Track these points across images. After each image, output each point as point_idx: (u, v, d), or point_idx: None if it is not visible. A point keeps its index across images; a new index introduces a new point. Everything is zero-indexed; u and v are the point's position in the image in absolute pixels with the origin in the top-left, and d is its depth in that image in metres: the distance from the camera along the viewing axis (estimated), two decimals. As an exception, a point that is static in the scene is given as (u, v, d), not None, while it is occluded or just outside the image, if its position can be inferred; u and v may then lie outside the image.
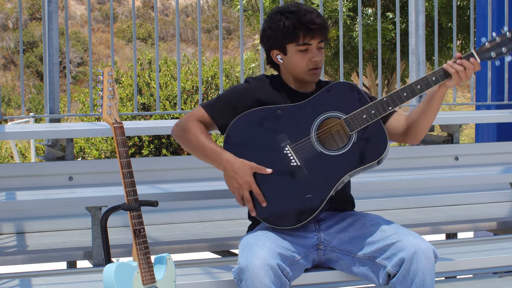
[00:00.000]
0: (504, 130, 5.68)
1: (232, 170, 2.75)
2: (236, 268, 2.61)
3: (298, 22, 2.76)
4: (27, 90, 25.60)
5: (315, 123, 2.78)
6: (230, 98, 2.87)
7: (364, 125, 2.75)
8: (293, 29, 2.77)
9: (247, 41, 25.10)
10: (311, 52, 2.80)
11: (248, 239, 2.74)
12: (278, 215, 2.74)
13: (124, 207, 2.57)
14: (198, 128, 2.84)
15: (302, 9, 2.79)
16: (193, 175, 4.14)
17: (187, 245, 3.81)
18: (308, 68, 2.82)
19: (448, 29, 13.34)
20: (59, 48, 6.70)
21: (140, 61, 13.43)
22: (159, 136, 12.02)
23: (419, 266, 2.61)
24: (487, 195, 4.70)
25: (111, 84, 2.65)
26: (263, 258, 2.56)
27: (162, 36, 30.93)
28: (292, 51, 2.81)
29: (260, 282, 2.52)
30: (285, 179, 2.74)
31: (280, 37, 2.80)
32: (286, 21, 2.78)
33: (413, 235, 2.70)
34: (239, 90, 2.89)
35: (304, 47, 2.79)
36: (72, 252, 3.61)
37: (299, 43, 2.79)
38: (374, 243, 2.73)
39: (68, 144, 4.06)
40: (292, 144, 2.77)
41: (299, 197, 2.72)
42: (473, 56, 2.75)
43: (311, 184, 2.72)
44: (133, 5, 4.45)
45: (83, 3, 31.42)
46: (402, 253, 2.64)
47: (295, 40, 2.78)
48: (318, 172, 2.73)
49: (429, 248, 2.65)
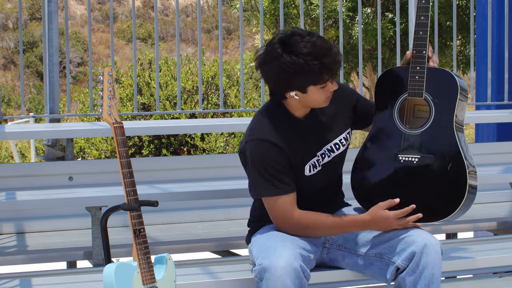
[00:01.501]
0: (504, 130, 5.67)
1: (374, 224, 2.72)
2: (259, 268, 2.59)
3: (322, 65, 2.61)
4: (27, 90, 25.59)
5: (396, 118, 2.83)
6: (273, 165, 2.70)
7: (424, 79, 2.78)
8: (318, 72, 2.62)
9: (247, 41, 25.10)
10: (330, 86, 2.71)
11: (265, 239, 2.72)
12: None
13: (124, 207, 2.57)
14: (309, 217, 2.72)
15: (319, 50, 2.61)
16: (193, 175, 4.14)
17: (187, 245, 3.81)
18: (326, 97, 2.73)
19: (448, 29, 13.33)
20: (59, 48, 6.70)
21: (140, 61, 13.42)
22: (159, 136, 12.00)
23: (429, 259, 2.65)
24: (487, 195, 4.70)
25: (111, 84, 2.65)
26: (287, 259, 2.55)
27: (162, 36, 30.92)
28: (313, 90, 2.68)
29: (282, 283, 2.52)
30: (424, 176, 2.78)
31: (301, 81, 2.64)
32: (309, 66, 2.60)
33: (421, 230, 2.74)
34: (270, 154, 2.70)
35: (325, 84, 2.68)
36: (72, 252, 3.61)
37: (321, 84, 2.67)
38: (381, 240, 2.75)
39: (68, 144, 4.06)
40: (400, 149, 2.81)
41: (442, 182, 2.77)
42: None
43: (442, 157, 2.77)
44: (133, 5, 4.45)
45: (83, 3, 31.42)
46: (412, 246, 2.66)
47: (320, 82, 2.66)
48: (437, 144, 2.78)
49: (437, 242, 2.70)
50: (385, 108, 2.86)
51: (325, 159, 2.82)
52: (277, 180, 2.69)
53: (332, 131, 2.84)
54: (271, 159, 2.69)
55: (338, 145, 2.85)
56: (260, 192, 2.73)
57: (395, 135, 2.83)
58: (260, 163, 2.69)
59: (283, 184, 2.70)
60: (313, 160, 2.78)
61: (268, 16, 14.21)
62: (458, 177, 2.75)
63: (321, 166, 2.80)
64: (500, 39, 5.51)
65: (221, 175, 4.15)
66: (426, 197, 2.77)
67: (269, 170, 2.69)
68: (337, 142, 2.85)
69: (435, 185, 2.77)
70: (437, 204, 2.77)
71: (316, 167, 2.79)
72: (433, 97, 2.79)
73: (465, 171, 2.74)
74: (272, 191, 2.70)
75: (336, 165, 2.86)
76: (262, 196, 2.74)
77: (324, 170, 2.81)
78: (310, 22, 14.31)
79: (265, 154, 2.69)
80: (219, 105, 8.04)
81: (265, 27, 14.85)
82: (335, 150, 2.84)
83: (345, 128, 2.88)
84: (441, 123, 2.78)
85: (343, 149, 2.87)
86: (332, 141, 2.83)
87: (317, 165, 2.80)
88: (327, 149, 2.82)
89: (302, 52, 2.60)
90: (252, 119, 2.83)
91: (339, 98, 2.85)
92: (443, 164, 2.76)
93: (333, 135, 2.84)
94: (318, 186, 2.82)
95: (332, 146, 2.84)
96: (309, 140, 2.78)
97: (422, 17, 2.81)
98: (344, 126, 2.88)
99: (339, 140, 2.85)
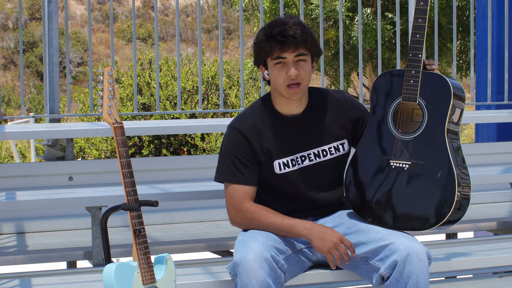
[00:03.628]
0: (504, 130, 5.68)
1: (321, 232, 2.68)
2: (231, 263, 2.63)
3: (270, 35, 2.71)
4: (27, 90, 25.60)
5: (390, 122, 2.81)
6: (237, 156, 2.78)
7: (418, 84, 2.76)
8: (265, 42, 2.72)
9: (247, 41, 25.10)
10: (287, 66, 2.72)
11: (242, 237, 2.75)
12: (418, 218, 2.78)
13: (124, 207, 2.57)
14: (256, 210, 2.75)
15: (278, 22, 2.73)
16: (193, 175, 4.14)
17: (187, 245, 3.81)
18: (285, 83, 2.73)
19: (448, 29, 13.33)
20: (59, 48, 6.70)
21: (140, 61, 13.42)
22: (159, 136, 12.01)
23: (412, 268, 2.60)
24: (487, 195, 4.70)
25: (111, 84, 2.65)
26: (256, 251, 2.56)
27: (162, 36, 30.93)
28: (270, 66, 2.75)
29: (255, 274, 2.52)
30: (414, 183, 2.76)
31: (258, 52, 2.77)
32: (261, 35, 2.74)
33: (406, 237, 2.70)
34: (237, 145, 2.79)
35: (278, 60, 2.72)
36: (72, 252, 3.61)
37: (274, 57, 2.72)
38: (367, 244, 2.73)
39: (68, 144, 4.06)
40: (392, 155, 2.79)
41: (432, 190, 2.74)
42: None
43: (432, 164, 2.74)
44: (133, 5, 4.45)
45: (83, 3, 31.42)
46: (395, 255, 2.63)
47: (270, 54, 2.73)
48: (428, 151, 2.75)
49: (422, 250, 2.64)
50: (380, 111, 2.84)
51: (305, 162, 2.83)
52: (237, 169, 2.77)
53: (321, 137, 2.84)
54: (237, 148, 2.78)
55: (326, 152, 2.85)
56: (218, 176, 2.82)
57: (388, 139, 2.81)
58: (226, 149, 2.80)
59: (242, 175, 2.77)
60: (284, 159, 2.81)
61: (268, 16, 14.21)
62: (448, 186, 2.72)
63: (297, 167, 2.82)
64: (500, 39, 5.52)
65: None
66: (417, 204, 2.76)
67: (232, 158, 2.78)
68: (325, 149, 2.85)
69: (425, 193, 2.75)
70: (428, 212, 2.74)
71: (289, 166, 2.81)
72: (426, 103, 2.76)
73: (454, 180, 2.72)
74: (228, 178, 2.79)
75: (322, 171, 2.85)
76: (218, 180, 2.82)
77: (302, 172, 2.82)
78: (310, 22, 14.31)
79: (233, 142, 2.80)
80: (219, 105, 8.04)
81: (265, 27, 14.83)
82: (321, 157, 2.84)
83: (340, 138, 2.88)
84: (433, 130, 2.75)
85: (331, 157, 2.86)
86: (318, 147, 2.84)
87: (290, 164, 2.81)
88: (312, 153, 2.83)
89: (267, 24, 2.76)
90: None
91: (339, 108, 2.88)
92: (433, 172, 2.74)
93: (320, 141, 2.84)
94: (297, 188, 2.82)
95: (319, 151, 2.84)
96: (284, 139, 2.80)
97: (420, 20, 2.79)
98: (340, 135, 2.88)
99: (327, 148, 2.85)
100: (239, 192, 2.77)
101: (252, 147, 2.78)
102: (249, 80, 19.59)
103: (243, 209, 2.77)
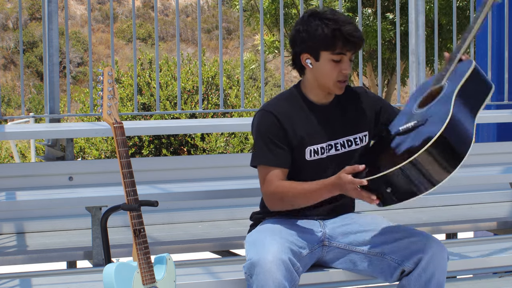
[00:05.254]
0: (504, 130, 5.68)
1: (340, 186, 2.64)
2: (248, 263, 2.61)
3: (338, 31, 2.70)
4: (27, 90, 25.60)
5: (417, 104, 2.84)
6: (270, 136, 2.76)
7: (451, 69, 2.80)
8: (332, 37, 2.70)
9: (247, 41, 25.11)
10: (344, 63, 2.75)
11: (256, 235, 2.75)
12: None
13: (124, 207, 2.58)
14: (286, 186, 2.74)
15: (342, 19, 2.73)
16: (193, 175, 4.14)
17: (187, 245, 3.81)
18: (337, 79, 2.76)
19: (447, 29, 13.33)
20: (59, 48, 6.70)
21: (140, 61, 13.42)
22: (159, 136, 12.01)
23: (436, 265, 2.66)
24: (487, 195, 4.70)
25: (111, 84, 2.65)
26: (275, 252, 2.57)
27: (162, 36, 30.93)
28: (325, 59, 2.75)
29: (272, 276, 2.53)
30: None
31: (316, 42, 2.73)
32: (325, 28, 2.70)
33: (431, 236, 2.75)
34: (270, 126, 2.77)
35: (338, 57, 2.74)
36: (72, 252, 3.61)
37: (335, 52, 2.73)
38: (384, 240, 2.76)
39: (68, 144, 4.06)
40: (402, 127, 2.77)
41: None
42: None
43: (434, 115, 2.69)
44: (133, 5, 4.45)
45: (83, 3, 31.42)
46: (420, 252, 2.67)
47: (331, 48, 2.72)
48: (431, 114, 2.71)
49: (445, 249, 2.71)
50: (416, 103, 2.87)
51: (332, 151, 2.83)
52: (269, 150, 2.76)
53: (347, 128, 2.85)
54: (269, 129, 2.77)
55: (351, 142, 2.86)
56: (254, 159, 2.81)
57: (406, 116, 2.82)
58: (259, 132, 2.79)
59: (274, 156, 2.76)
60: (316, 146, 2.80)
61: (268, 16, 14.20)
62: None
63: (325, 155, 2.82)
64: (500, 39, 5.52)
65: (221, 175, 4.15)
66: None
67: (265, 139, 2.77)
68: (350, 139, 2.86)
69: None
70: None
71: (318, 153, 2.81)
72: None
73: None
74: (262, 160, 2.77)
75: (345, 161, 2.83)
76: (254, 163, 2.81)
77: (329, 161, 2.82)
78: (310, 22, 14.29)
79: (265, 123, 2.78)
80: (219, 105, 8.04)
81: (265, 27, 14.85)
82: (346, 147, 2.85)
83: (363, 129, 2.88)
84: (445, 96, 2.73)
85: (355, 147, 2.86)
86: (345, 137, 2.85)
87: (320, 152, 2.81)
88: (338, 143, 2.84)
89: (325, 17, 2.73)
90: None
91: (362, 99, 2.91)
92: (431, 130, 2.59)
93: (347, 131, 2.85)
94: (324, 175, 2.78)
95: (344, 142, 2.85)
96: (316, 126, 2.81)
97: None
98: (363, 127, 2.88)
99: (353, 138, 2.86)
100: (271, 175, 2.76)
101: (285, 130, 2.77)
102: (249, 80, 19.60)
103: (273, 188, 2.75)
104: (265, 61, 18.66)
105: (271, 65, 27.39)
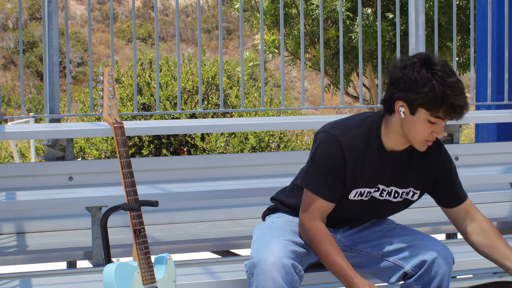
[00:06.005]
0: (504, 130, 5.67)
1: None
2: (249, 262, 2.62)
3: (449, 99, 2.49)
4: (27, 90, 25.59)
5: None
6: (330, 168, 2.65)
7: None
8: (440, 101, 2.49)
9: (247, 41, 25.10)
10: (438, 126, 2.56)
11: (263, 231, 2.75)
12: None
13: (124, 207, 2.58)
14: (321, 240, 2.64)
15: (458, 86, 2.51)
16: (193, 175, 4.14)
17: (187, 245, 3.81)
18: (427, 138, 2.59)
19: (447, 29, 13.34)
20: (59, 48, 6.70)
21: (140, 61, 13.41)
22: (159, 136, 11.99)
23: (439, 270, 2.66)
24: (487, 195, 4.70)
25: (111, 84, 2.65)
26: (277, 255, 2.57)
27: (162, 36, 30.92)
28: (421, 116, 2.55)
29: (272, 278, 2.53)
30: None
31: (419, 99, 2.52)
32: (437, 90, 2.49)
33: (436, 240, 2.75)
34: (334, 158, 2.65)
35: (435, 120, 2.54)
36: (72, 252, 3.61)
37: (435, 116, 2.53)
38: (390, 243, 2.76)
39: (68, 144, 4.06)
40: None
41: None
42: None
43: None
44: (133, 5, 4.45)
45: (83, 3, 31.41)
46: (424, 255, 2.67)
47: (434, 111, 2.52)
48: None
49: (450, 254, 2.71)
50: None
51: (375, 194, 2.74)
52: (325, 182, 2.65)
53: (404, 179, 2.74)
54: (332, 161, 2.64)
55: (398, 194, 2.76)
56: (305, 181, 2.70)
57: None
58: (320, 157, 2.65)
59: (328, 189, 2.66)
60: (364, 189, 2.71)
61: (268, 16, 14.20)
62: None
63: (368, 198, 2.73)
64: (500, 39, 5.51)
65: (221, 175, 4.15)
66: None
67: (324, 170, 2.64)
68: (398, 192, 2.76)
69: None
70: None
71: (363, 196, 2.72)
72: None
73: None
74: (314, 189, 2.67)
75: (382, 209, 2.78)
76: (306, 186, 2.69)
77: (368, 203, 2.75)
78: (310, 22, 14.31)
79: (330, 153, 2.65)
80: (219, 105, 8.04)
81: (265, 27, 14.85)
82: (390, 196, 2.75)
83: (417, 187, 2.76)
84: None
85: (398, 200, 2.77)
86: (396, 187, 2.74)
87: (365, 195, 2.72)
88: (386, 190, 2.74)
89: (440, 75, 2.51)
90: (350, 117, 2.77)
91: (432, 163, 2.76)
92: None
93: (401, 183, 2.74)
94: (350, 214, 2.77)
95: (392, 190, 2.74)
96: (376, 172, 2.69)
97: None
98: (417, 185, 2.76)
99: (401, 191, 2.76)
100: (316, 207, 2.66)
101: (346, 168, 2.64)
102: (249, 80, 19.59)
103: (308, 225, 2.67)
104: (265, 61, 18.66)
105: (271, 65, 27.39)
